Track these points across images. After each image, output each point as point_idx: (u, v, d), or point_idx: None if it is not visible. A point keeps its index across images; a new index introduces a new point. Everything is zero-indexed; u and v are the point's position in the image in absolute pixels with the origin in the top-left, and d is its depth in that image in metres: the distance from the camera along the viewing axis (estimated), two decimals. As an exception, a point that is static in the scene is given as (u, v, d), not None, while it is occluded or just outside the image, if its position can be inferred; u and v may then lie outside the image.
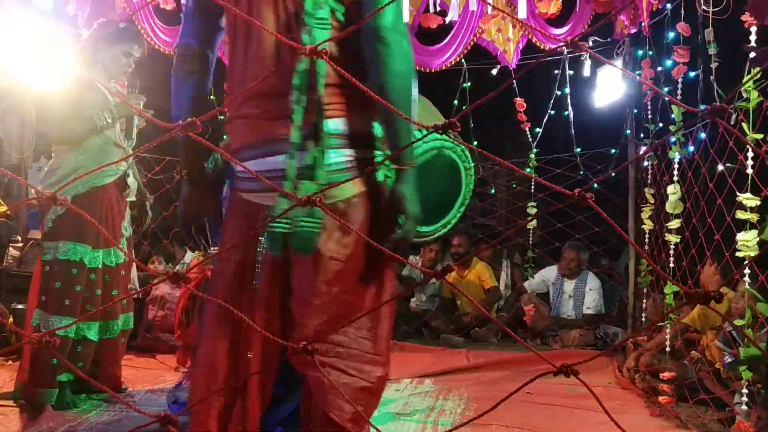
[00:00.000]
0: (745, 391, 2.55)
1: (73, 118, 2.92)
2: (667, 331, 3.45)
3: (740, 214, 2.50)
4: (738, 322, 2.50)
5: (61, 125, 2.97)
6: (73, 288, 2.93)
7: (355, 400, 1.48)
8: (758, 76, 2.37)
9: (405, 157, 1.48)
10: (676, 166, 3.43)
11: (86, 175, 2.84)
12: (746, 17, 2.49)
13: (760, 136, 2.43)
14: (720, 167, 3.09)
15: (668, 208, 3.36)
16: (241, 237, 1.54)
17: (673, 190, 3.34)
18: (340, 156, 1.49)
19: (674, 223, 3.35)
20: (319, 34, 1.42)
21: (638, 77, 3.96)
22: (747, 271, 2.46)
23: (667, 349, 3.39)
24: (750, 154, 2.51)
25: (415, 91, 1.54)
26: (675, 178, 3.41)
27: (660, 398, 3.19)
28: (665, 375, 3.22)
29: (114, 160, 3.04)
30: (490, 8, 4.45)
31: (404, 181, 1.49)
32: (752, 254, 2.38)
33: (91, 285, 2.99)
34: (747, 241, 2.41)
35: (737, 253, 2.48)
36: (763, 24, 2.39)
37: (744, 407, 2.55)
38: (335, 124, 1.48)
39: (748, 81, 2.33)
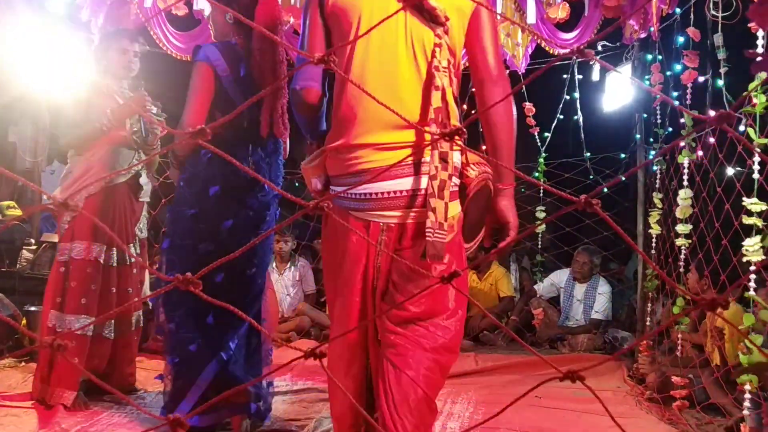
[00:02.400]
0: (748, 396, 2.55)
1: (79, 125, 2.97)
2: (679, 336, 3.45)
3: (747, 219, 2.50)
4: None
5: (68, 133, 3.03)
6: (89, 286, 2.97)
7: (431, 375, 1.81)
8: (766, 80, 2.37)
9: (508, 178, 1.84)
10: (685, 171, 3.43)
11: (100, 180, 2.89)
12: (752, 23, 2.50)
13: (766, 141, 2.43)
14: (730, 171, 3.08)
15: (678, 213, 3.36)
16: (362, 249, 1.79)
17: (684, 195, 3.33)
18: (455, 180, 1.78)
19: (684, 228, 3.35)
20: (445, 79, 1.73)
21: (647, 82, 3.96)
22: (753, 276, 2.45)
23: (679, 354, 3.39)
24: (757, 158, 2.51)
25: (515, 124, 1.87)
26: (685, 183, 3.41)
27: (674, 404, 3.18)
28: (677, 380, 3.21)
29: (125, 161, 3.08)
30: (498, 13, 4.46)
31: (507, 197, 1.85)
32: (757, 259, 2.38)
33: (106, 283, 3.03)
34: (752, 246, 2.41)
35: (744, 258, 2.48)
36: (765, 30, 2.39)
37: (746, 412, 2.55)
38: (456, 156, 1.79)
39: (754, 88, 2.33)
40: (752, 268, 2.41)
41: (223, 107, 2.49)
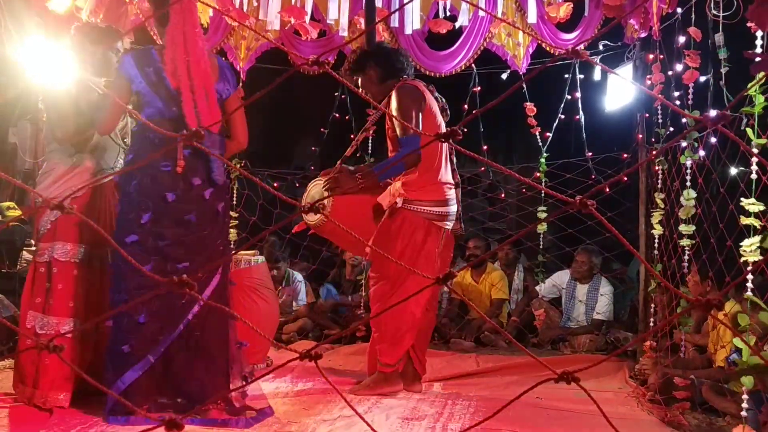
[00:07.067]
0: (745, 397, 2.54)
1: (77, 115, 2.94)
2: (683, 338, 3.43)
3: (744, 220, 2.48)
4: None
5: (61, 125, 2.97)
6: (77, 289, 2.94)
7: None
8: (764, 80, 2.35)
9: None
10: (688, 171, 3.42)
11: (95, 182, 2.88)
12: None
13: (764, 141, 2.41)
14: (733, 170, 3.07)
15: (681, 213, 3.34)
16: (437, 240, 3.41)
17: (687, 196, 3.32)
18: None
19: (687, 228, 3.33)
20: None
21: (648, 83, 3.94)
22: (750, 277, 2.43)
23: (683, 356, 3.37)
24: (755, 159, 2.49)
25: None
26: (688, 184, 3.39)
27: (675, 405, 3.16)
28: (679, 381, 3.19)
29: (111, 158, 3.07)
30: (499, 13, 4.45)
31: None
32: (755, 260, 2.36)
33: (91, 285, 2.99)
34: (751, 246, 2.39)
35: (742, 259, 2.47)
36: (764, 31, 2.37)
37: (744, 413, 2.53)
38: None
39: (752, 87, 2.32)
40: (749, 268, 2.39)
41: (140, 110, 2.77)
